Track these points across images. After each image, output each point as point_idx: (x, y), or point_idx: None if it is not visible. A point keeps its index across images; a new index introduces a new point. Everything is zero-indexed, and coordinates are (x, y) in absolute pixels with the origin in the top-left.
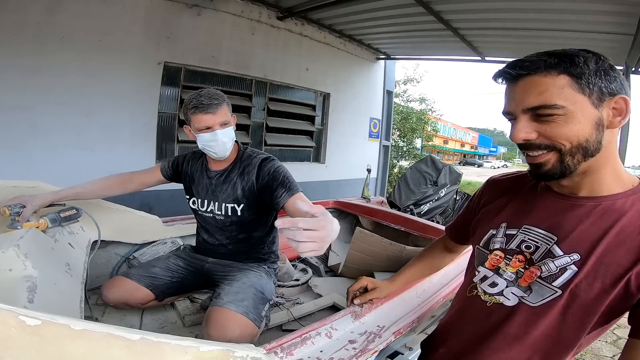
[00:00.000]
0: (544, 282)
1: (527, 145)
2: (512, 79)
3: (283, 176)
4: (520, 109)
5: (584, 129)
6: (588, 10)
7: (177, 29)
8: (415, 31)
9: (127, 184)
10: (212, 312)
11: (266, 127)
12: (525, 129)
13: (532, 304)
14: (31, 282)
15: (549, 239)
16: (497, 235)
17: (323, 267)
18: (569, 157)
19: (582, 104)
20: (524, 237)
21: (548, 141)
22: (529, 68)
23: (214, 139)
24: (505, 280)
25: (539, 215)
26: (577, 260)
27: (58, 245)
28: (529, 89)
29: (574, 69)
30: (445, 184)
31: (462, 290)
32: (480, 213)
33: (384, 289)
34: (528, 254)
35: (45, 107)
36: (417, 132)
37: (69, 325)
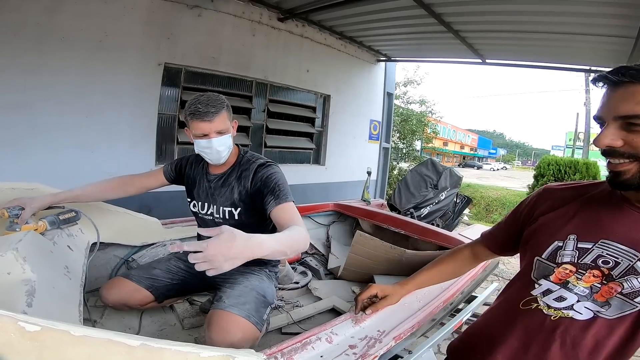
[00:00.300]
0: (625, 298)
1: (610, 152)
2: (612, 85)
3: (275, 183)
4: (612, 115)
5: None
6: (589, 13)
7: (178, 30)
8: (416, 33)
9: (127, 187)
10: (213, 315)
11: (266, 129)
12: (612, 135)
13: (608, 317)
14: (30, 286)
15: (632, 255)
16: (566, 247)
17: (323, 270)
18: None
19: None
20: (602, 252)
21: (633, 151)
22: (633, 76)
23: (209, 146)
24: (576, 294)
25: (618, 230)
26: None
27: (57, 248)
28: (627, 97)
29: None
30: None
31: (511, 300)
32: (538, 222)
33: (395, 296)
34: (606, 269)
35: (45, 107)
36: (417, 134)
37: (68, 331)
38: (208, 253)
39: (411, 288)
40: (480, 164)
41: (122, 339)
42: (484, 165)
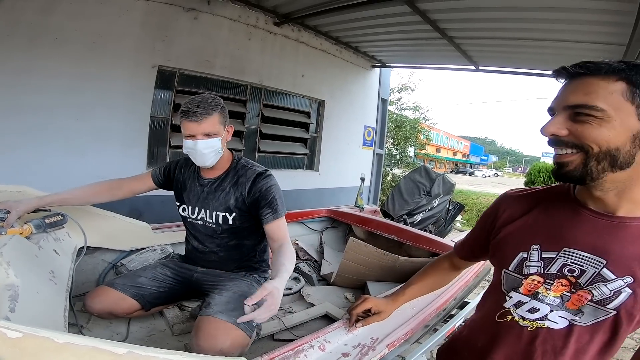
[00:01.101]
0: (597, 305)
1: (556, 142)
2: (569, 77)
3: (272, 197)
4: (562, 105)
5: (618, 137)
6: (582, 20)
7: (173, 33)
8: (411, 39)
9: (115, 191)
10: (201, 322)
11: (260, 134)
12: (558, 124)
13: (583, 324)
14: (13, 291)
15: (596, 262)
16: (531, 258)
17: (316, 276)
18: (594, 162)
19: (627, 112)
20: (566, 261)
21: (577, 141)
22: (589, 69)
23: (194, 148)
24: (548, 305)
25: (579, 237)
26: (630, 282)
27: (42, 252)
28: (579, 88)
29: (636, 77)
30: (439, 194)
31: (487, 314)
32: (501, 234)
33: (388, 312)
34: (573, 278)
35: (35, 109)
36: (411, 140)
37: (52, 339)
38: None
39: (404, 302)
40: (472, 171)
41: (108, 347)
42: (476, 172)
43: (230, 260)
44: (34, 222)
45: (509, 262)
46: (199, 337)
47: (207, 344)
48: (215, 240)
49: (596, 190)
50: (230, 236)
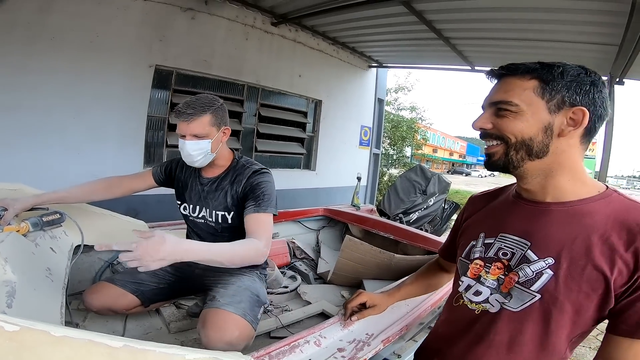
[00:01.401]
0: (522, 287)
1: (484, 134)
2: (496, 77)
3: (261, 191)
4: (487, 102)
5: (530, 129)
6: (575, 21)
7: (170, 32)
8: (407, 40)
9: (114, 189)
10: (209, 314)
11: (257, 133)
12: (484, 119)
13: (513, 309)
14: (10, 287)
15: (523, 244)
16: (477, 245)
17: (312, 274)
18: (513, 152)
19: (537, 107)
20: (501, 245)
21: (499, 133)
22: (509, 69)
23: (182, 148)
24: (488, 287)
25: (513, 223)
26: (552, 264)
27: (39, 250)
28: (501, 87)
29: (546, 75)
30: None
31: (449, 300)
32: (462, 228)
33: (382, 306)
34: (506, 260)
35: (32, 107)
36: (407, 140)
37: (48, 332)
38: (136, 253)
39: (398, 299)
40: (469, 171)
41: (104, 340)
42: (472, 172)
43: None
44: (32, 220)
45: (463, 251)
46: (207, 328)
47: (217, 336)
48: (217, 239)
49: (523, 182)
50: (231, 235)
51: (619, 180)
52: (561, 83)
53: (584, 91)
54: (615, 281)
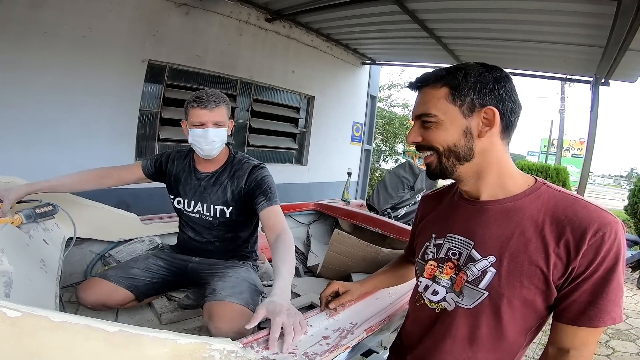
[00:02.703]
0: (471, 285)
1: (418, 147)
2: (415, 90)
3: (267, 186)
4: (414, 115)
5: (452, 136)
6: (562, 22)
7: (164, 28)
8: (400, 38)
9: (104, 179)
10: (214, 307)
11: (249, 128)
12: (414, 133)
13: (467, 306)
14: (7, 277)
15: (467, 244)
16: (430, 246)
17: (302, 267)
18: (444, 159)
19: (453, 114)
20: (450, 245)
21: (429, 144)
22: (423, 81)
23: (204, 135)
24: (443, 287)
25: (457, 223)
26: (494, 262)
27: (33, 242)
28: (420, 99)
29: (452, 81)
30: (422, 188)
31: (412, 300)
32: (418, 229)
33: (355, 292)
34: (455, 260)
35: (23, 103)
36: (400, 136)
37: (48, 317)
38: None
39: (369, 287)
40: None
41: (101, 325)
42: None
43: (225, 250)
44: (25, 212)
45: (419, 252)
46: (215, 321)
47: (226, 326)
48: (212, 232)
49: (461, 184)
50: (227, 228)
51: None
52: (467, 86)
53: (489, 90)
54: (553, 274)
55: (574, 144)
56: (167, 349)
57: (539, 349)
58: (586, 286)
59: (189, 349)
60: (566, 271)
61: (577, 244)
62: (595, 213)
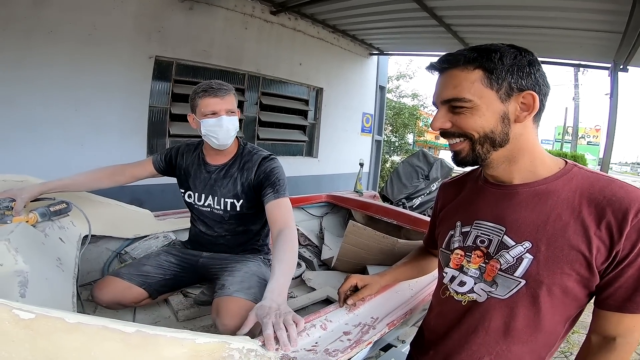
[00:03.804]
0: (505, 274)
1: (444, 134)
2: (438, 72)
3: (276, 177)
4: (440, 100)
5: (489, 122)
6: (578, 8)
7: (169, 23)
8: (408, 27)
9: (117, 177)
10: (222, 302)
11: (259, 122)
12: (442, 119)
13: (501, 297)
14: (22, 277)
15: (498, 230)
16: (455, 234)
17: (316, 261)
18: (478, 146)
19: (489, 98)
20: (478, 232)
21: (460, 130)
22: (450, 62)
23: (219, 124)
24: (471, 277)
25: (485, 209)
26: (530, 248)
27: (48, 240)
28: (448, 82)
29: (487, 64)
30: (437, 178)
31: (436, 292)
32: (439, 218)
33: (375, 285)
34: (484, 248)
35: (31, 101)
36: (409, 127)
37: (63, 319)
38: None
39: (389, 280)
40: None
41: (118, 326)
42: None
43: (237, 244)
44: (39, 211)
45: (442, 241)
46: (222, 317)
47: (234, 322)
48: (223, 226)
49: (489, 169)
50: (238, 222)
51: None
52: (504, 69)
53: (526, 73)
54: (596, 259)
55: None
56: (186, 349)
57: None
58: (632, 271)
59: (208, 348)
60: (610, 255)
61: (619, 225)
62: (634, 193)
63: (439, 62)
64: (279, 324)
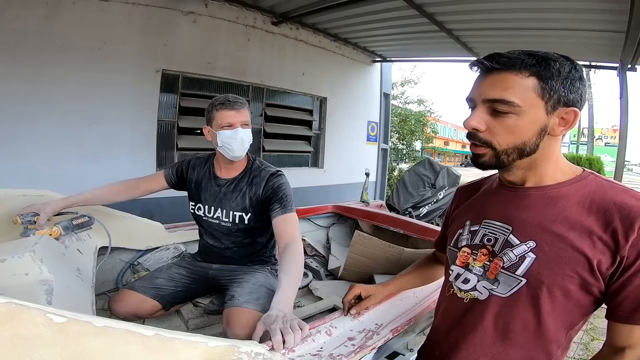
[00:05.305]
0: (507, 272)
1: (473, 135)
2: (485, 70)
3: (283, 193)
4: (482, 98)
5: (526, 132)
6: (580, 8)
7: (174, 36)
8: (409, 33)
9: (132, 190)
10: (232, 313)
11: (264, 133)
12: (478, 118)
13: (502, 295)
14: (48, 286)
15: (505, 229)
16: (464, 233)
17: (323, 270)
18: (504, 156)
19: (536, 107)
20: (485, 231)
21: (490, 138)
22: (504, 64)
23: (235, 136)
24: (475, 275)
25: (495, 209)
26: (533, 247)
27: (68, 251)
28: (497, 83)
29: (545, 72)
30: (444, 186)
31: (442, 290)
32: (451, 218)
33: (378, 295)
34: (490, 246)
35: (48, 118)
36: (416, 134)
37: (91, 322)
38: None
39: (392, 289)
40: None
41: (139, 330)
42: None
43: (244, 255)
44: (62, 224)
45: (451, 239)
46: (233, 327)
47: (244, 332)
48: (230, 238)
49: (507, 174)
50: (245, 234)
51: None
52: (558, 81)
53: (576, 89)
54: (600, 263)
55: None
56: (199, 352)
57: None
58: (638, 280)
59: (219, 351)
60: (615, 260)
61: (625, 231)
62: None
63: (490, 61)
64: (286, 329)
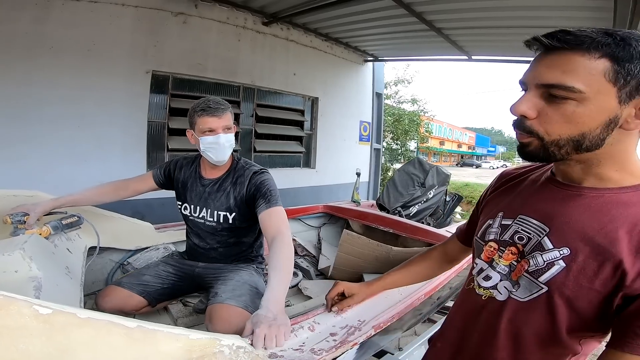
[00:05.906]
0: (530, 276)
1: (520, 122)
2: (545, 49)
3: (267, 188)
4: (536, 82)
5: (589, 123)
6: (566, 5)
7: (164, 38)
8: (400, 32)
9: (121, 191)
10: (214, 310)
11: (255, 134)
12: (529, 102)
13: (520, 299)
14: (37, 282)
15: (540, 230)
16: (493, 225)
17: (313, 270)
18: (554, 147)
19: (606, 94)
20: (518, 228)
21: (539, 128)
22: (569, 42)
23: (216, 142)
24: (498, 273)
25: (535, 205)
26: (566, 255)
27: (58, 250)
28: (556, 64)
29: (620, 53)
30: (433, 185)
31: (463, 285)
32: (484, 203)
33: (360, 295)
34: (520, 245)
35: (40, 119)
36: (411, 133)
37: (75, 314)
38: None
39: (376, 289)
40: (479, 163)
41: (121, 321)
42: (483, 164)
43: (229, 255)
44: (52, 224)
45: (479, 229)
46: (214, 323)
47: (224, 328)
48: (215, 237)
49: (561, 165)
50: (230, 234)
51: None
52: (639, 65)
53: None
54: (635, 282)
55: None
56: (180, 344)
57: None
58: None
59: (201, 344)
60: None
61: None
62: None
63: (550, 38)
64: (269, 336)
